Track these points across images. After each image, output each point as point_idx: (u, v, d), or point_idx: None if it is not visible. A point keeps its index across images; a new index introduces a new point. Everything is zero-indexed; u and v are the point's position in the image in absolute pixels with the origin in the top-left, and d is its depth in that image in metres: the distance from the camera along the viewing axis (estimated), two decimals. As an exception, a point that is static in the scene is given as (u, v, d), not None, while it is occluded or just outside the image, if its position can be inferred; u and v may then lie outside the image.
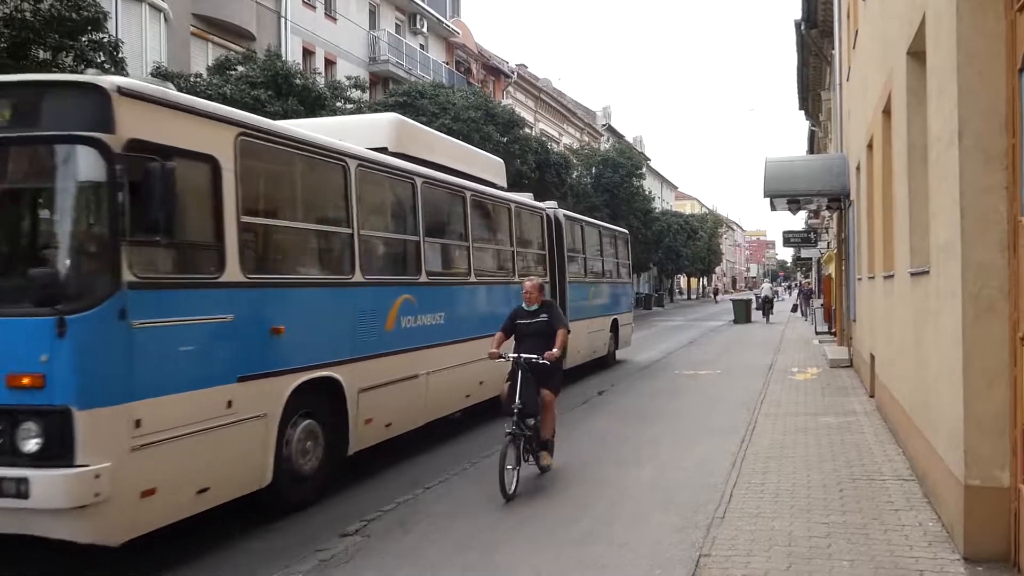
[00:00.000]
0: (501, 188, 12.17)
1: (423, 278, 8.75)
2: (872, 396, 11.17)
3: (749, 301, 37.65)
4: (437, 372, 8.88)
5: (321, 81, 20.26)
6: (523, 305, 7.35)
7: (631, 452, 8.39)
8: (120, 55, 13.82)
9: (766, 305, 37.07)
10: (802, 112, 31.14)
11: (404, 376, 8.18)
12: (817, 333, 24.54)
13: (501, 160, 13.18)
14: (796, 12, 22.07)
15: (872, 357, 11.02)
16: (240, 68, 18.32)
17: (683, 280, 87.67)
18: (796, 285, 44.24)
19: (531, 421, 7.00)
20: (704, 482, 6.93)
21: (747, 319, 34.97)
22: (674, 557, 5.09)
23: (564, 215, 14.47)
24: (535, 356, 6.92)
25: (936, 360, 5.59)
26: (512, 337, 7.38)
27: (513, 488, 6.61)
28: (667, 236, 55.56)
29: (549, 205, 14.22)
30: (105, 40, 13.46)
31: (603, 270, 17.43)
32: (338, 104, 19.37)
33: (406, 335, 8.23)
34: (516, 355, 7.02)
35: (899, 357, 7.88)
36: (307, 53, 27.25)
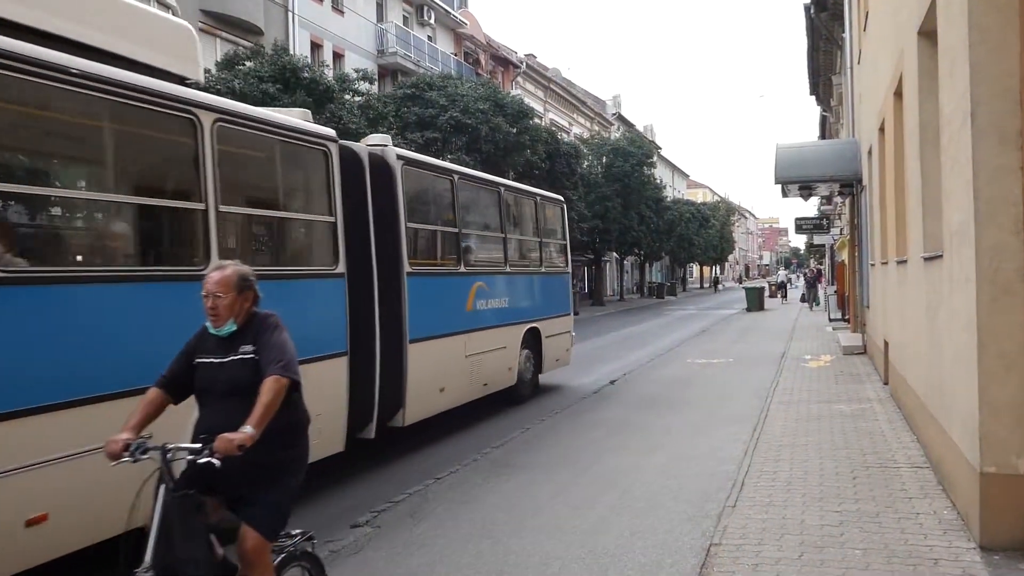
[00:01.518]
0: (186, 80, 6.03)
1: None
2: (886, 383, 11.07)
3: (762, 289, 37.51)
4: None
5: (329, 74, 20.23)
6: (208, 326, 3.59)
7: (642, 440, 8.35)
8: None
9: (781, 289, 46.22)
10: (813, 97, 30.88)
11: None
12: (831, 320, 24.38)
13: (184, 24, 6.60)
14: (806, -4, 21.82)
15: (886, 344, 10.92)
16: (249, 63, 18.32)
17: (696, 269, 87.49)
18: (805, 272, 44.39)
19: None
20: (715, 470, 6.89)
21: (760, 307, 34.80)
22: (685, 546, 5.06)
23: (401, 157, 8.29)
24: (203, 449, 3.21)
25: (951, 346, 5.51)
26: (195, 396, 3.60)
27: None
28: (679, 225, 55.33)
29: (377, 141, 8.23)
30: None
31: (506, 254, 10.85)
32: (346, 97, 19.34)
33: None
34: (162, 447, 3.27)
35: (913, 343, 7.79)
36: (315, 47, 27.23)
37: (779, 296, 45.16)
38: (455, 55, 37.16)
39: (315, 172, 6.97)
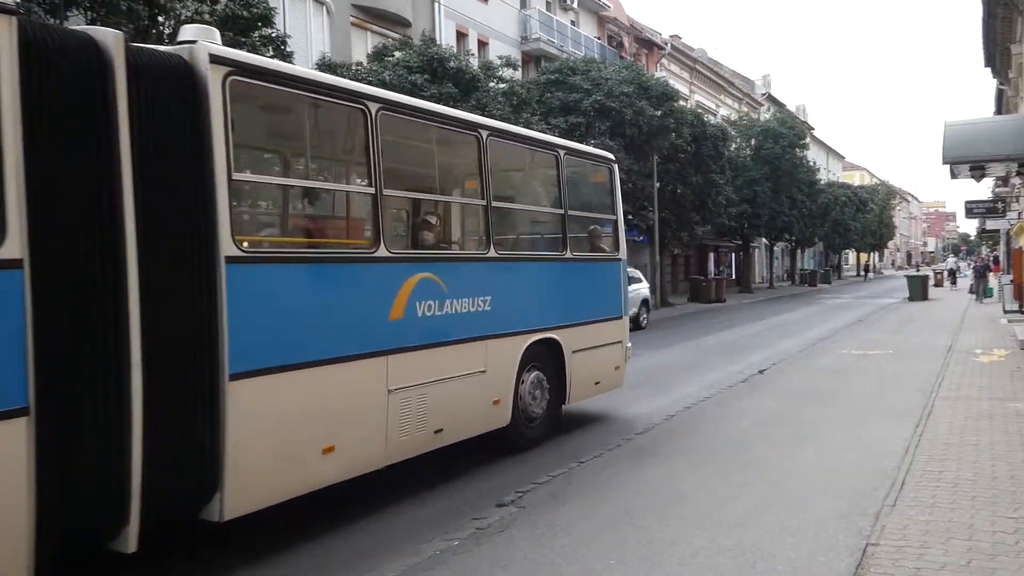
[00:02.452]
0: None
1: None
2: (1071, 380, 10.12)
3: (926, 277, 35.10)
4: None
5: (475, 63, 20.59)
6: None
7: (792, 432, 8.04)
8: (288, 49, 14.62)
9: (951, 276, 46.39)
10: (988, 70, 28.44)
11: None
12: (1005, 312, 22.51)
13: None
14: (981, -41, 20.04)
15: (1071, 337, 9.96)
16: (397, 54, 18.92)
17: (852, 255, 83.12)
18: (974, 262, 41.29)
19: None
20: (873, 467, 6.53)
21: (923, 296, 32.57)
22: (839, 544, 4.84)
23: (223, 61, 4.85)
24: None
25: None
26: None
27: None
28: (834, 209, 52.72)
29: (189, 35, 4.92)
30: (274, 35, 14.28)
31: (489, 230, 7.14)
32: (491, 84, 19.62)
33: None
34: None
35: (1104, 336, 7.07)
36: (460, 36, 27.76)
37: (947, 283, 44.94)
38: (598, 39, 36.87)
39: None
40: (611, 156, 9.69)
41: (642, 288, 22.16)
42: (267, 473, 5.01)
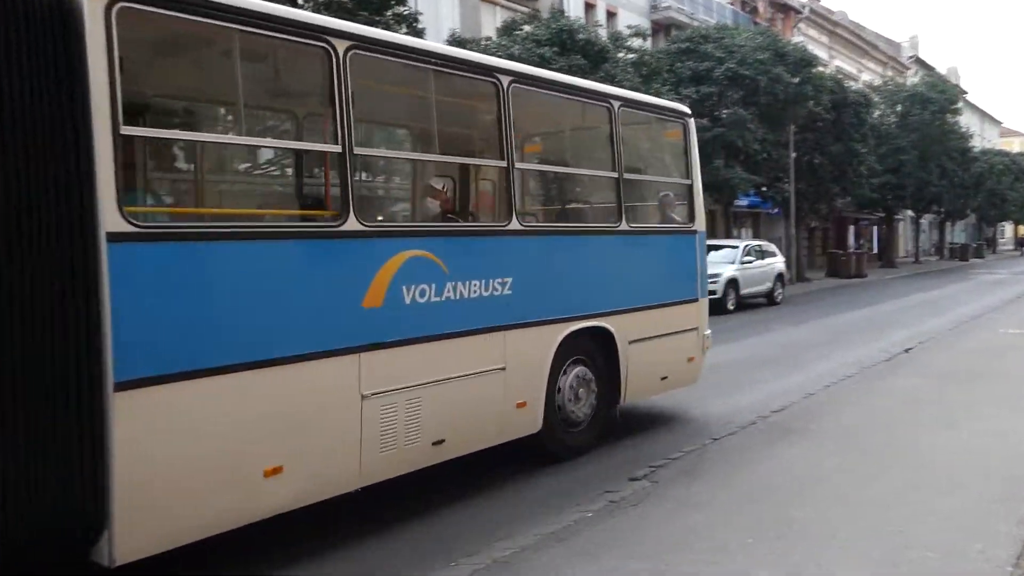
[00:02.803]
0: None
1: None
2: None
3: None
4: None
5: (603, 34, 20.33)
6: None
7: (942, 413, 7.61)
8: (420, 26, 14.95)
9: None
10: None
11: None
12: None
13: None
14: None
15: None
16: (526, 28, 18.94)
17: (1008, 228, 77.34)
18: None
19: None
20: (1035, 453, 6.11)
21: (1093, 272, 29.92)
22: (997, 531, 4.55)
23: None
24: None
25: None
26: None
27: None
28: (989, 179, 49.02)
29: None
30: (406, 13, 14.64)
31: (512, 197, 5.78)
32: (620, 55, 19.34)
33: None
34: None
35: None
36: (588, 7, 27.47)
37: None
38: (731, 4, 35.62)
39: None
40: (685, 109, 7.99)
41: (777, 262, 21.55)
42: (180, 504, 3.93)
